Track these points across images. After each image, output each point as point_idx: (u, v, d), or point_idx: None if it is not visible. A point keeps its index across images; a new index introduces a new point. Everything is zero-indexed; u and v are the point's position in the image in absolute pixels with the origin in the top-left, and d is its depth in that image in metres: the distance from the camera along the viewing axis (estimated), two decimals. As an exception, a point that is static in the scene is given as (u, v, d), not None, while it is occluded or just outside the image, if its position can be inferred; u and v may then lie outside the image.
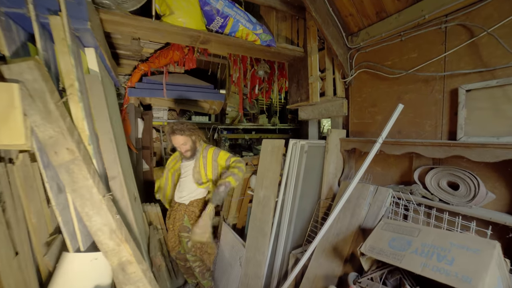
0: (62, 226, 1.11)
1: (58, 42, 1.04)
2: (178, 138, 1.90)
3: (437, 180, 1.43)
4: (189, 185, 2.01)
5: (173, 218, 2.03)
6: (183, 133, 1.89)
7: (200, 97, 3.42)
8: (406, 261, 0.97)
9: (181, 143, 1.91)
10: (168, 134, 1.94)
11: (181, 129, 1.88)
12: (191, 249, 1.96)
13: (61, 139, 0.99)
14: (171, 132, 1.89)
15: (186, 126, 1.91)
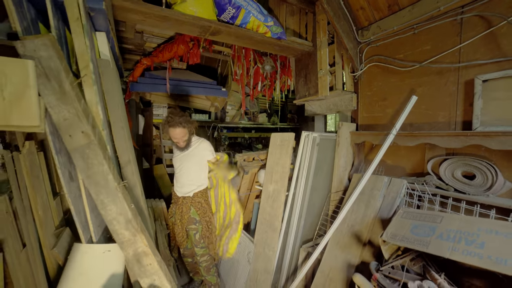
0: (74, 215, 1.06)
1: (72, 21, 0.99)
2: (179, 131, 1.84)
3: (452, 171, 1.43)
4: (190, 177, 1.99)
5: (180, 213, 1.99)
6: (184, 126, 1.84)
7: (203, 93, 3.38)
8: (433, 246, 0.96)
9: (181, 135, 1.86)
10: (165, 126, 1.85)
11: (181, 122, 1.82)
12: (200, 242, 1.94)
13: (76, 121, 0.94)
14: (171, 124, 1.82)
15: (185, 118, 1.86)
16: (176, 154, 2.03)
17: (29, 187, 1.22)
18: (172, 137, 1.88)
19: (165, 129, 1.87)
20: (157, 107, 3.98)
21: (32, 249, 1.19)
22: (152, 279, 1.13)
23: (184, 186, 1.99)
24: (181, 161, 2.01)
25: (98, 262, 1.11)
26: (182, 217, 1.98)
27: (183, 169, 2.01)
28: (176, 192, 2.05)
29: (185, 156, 1.98)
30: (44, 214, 1.24)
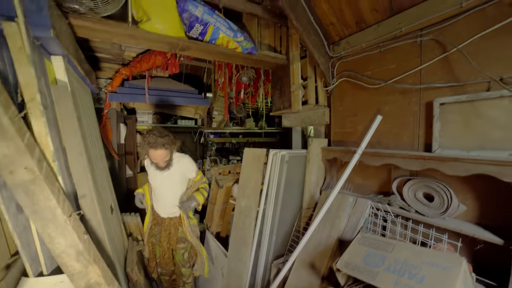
0: (20, 249, 1.04)
1: (15, 51, 0.97)
2: (160, 153, 1.70)
3: (414, 191, 1.45)
4: (173, 197, 1.91)
5: (167, 234, 1.94)
6: (167, 148, 1.70)
7: (184, 102, 3.36)
8: (379, 279, 0.97)
9: (162, 157, 1.73)
10: (145, 146, 1.69)
11: (164, 143, 1.67)
12: (188, 261, 1.94)
13: (17, 157, 0.92)
14: (153, 145, 1.65)
15: (168, 138, 1.71)
16: (154, 173, 1.86)
17: (-19, 216, 1.19)
18: (152, 158, 1.74)
19: (145, 149, 1.72)
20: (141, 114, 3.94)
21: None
22: (106, 309, 1.12)
23: (167, 206, 1.93)
24: (160, 181, 1.88)
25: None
26: (170, 239, 1.93)
27: (163, 189, 1.90)
28: (159, 213, 1.97)
29: (165, 175, 1.84)
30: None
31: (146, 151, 1.73)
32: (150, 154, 1.72)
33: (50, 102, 1.18)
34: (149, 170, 1.91)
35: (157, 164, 1.78)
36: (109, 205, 1.78)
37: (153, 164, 1.80)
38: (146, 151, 1.73)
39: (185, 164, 1.92)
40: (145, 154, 1.80)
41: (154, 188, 1.95)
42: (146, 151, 1.73)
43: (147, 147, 1.69)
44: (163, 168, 1.80)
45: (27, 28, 1.01)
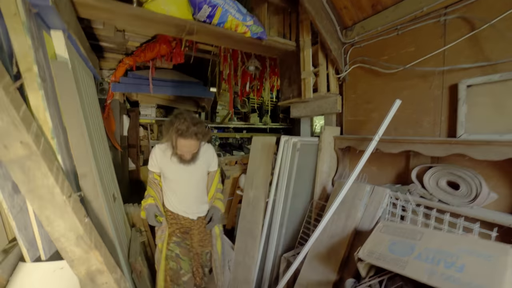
0: (17, 232, 0.96)
1: (8, 18, 0.89)
2: (191, 143, 1.41)
3: (436, 180, 1.36)
4: (196, 193, 1.64)
5: (198, 240, 1.66)
6: (199, 138, 1.42)
7: (188, 93, 3.28)
8: (410, 268, 0.88)
9: (192, 148, 1.45)
10: (175, 134, 1.39)
11: (197, 133, 1.39)
12: (209, 261, 1.75)
13: (12, 130, 0.84)
14: (185, 135, 1.37)
15: (202, 128, 1.43)
16: (174, 167, 1.53)
17: (-24, 199, 1.12)
18: (179, 149, 1.43)
19: (172, 138, 1.42)
20: (144, 107, 3.88)
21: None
22: (108, 300, 1.04)
23: (195, 205, 1.64)
24: (185, 176, 1.56)
25: (47, 282, 1.01)
26: (203, 244, 1.67)
27: (189, 186, 1.60)
28: (185, 215, 1.62)
29: (189, 169, 1.53)
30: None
31: (172, 140, 1.43)
32: (178, 144, 1.41)
33: (49, 77, 1.10)
34: (166, 164, 1.55)
35: (181, 157, 1.47)
36: (112, 193, 1.70)
37: (175, 157, 1.48)
38: (172, 140, 1.42)
39: (211, 156, 1.68)
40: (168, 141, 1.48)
41: (174, 186, 1.60)
42: (172, 140, 1.43)
43: (175, 135, 1.39)
44: (188, 162, 1.49)
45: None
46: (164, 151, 1.55)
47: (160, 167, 1.59)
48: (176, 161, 1.50)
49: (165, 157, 1.54)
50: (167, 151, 1.53)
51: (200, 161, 1.56)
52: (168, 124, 1.44)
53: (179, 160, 1.49)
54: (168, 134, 1.43)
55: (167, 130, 1.44)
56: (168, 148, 1.51)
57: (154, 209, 1.57)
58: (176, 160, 1.50)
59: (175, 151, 1.47)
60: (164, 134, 1.48)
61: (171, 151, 1.49)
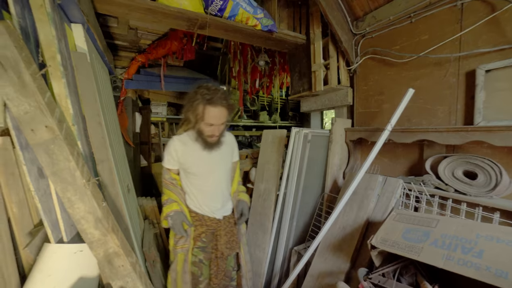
0: (42, 214, 1.01)
1: (36, 9, 0.94)
2: (221, 112, 1.26)
3: (452, 170, 1.32)
4: (224, 186, 1.46)
5: (225, 242, 1.44)
6: (227, 108, 1.28)
7: (199, 90, 3.32)
8: (426, 254, 0.86)
9: (222, 120, 1.29)
10: (203, 103, 1.23)
11: (224, 100, 1.26)
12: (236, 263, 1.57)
13: (38, 115, 0.89)
14: (212, 101, 1.22)
15: (228, 98, 1.31)
16: (198, 157, 1.35)
17: (3, 185, 1.18)
18: (208, 120, 1.25)
19: (198, 109, 1.25)
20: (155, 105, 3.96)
21: (3, 248, 1.15)
22: (125, 281, 1.08)
23: (219, 201, 1.43)
24: (211, 166, 1.38)
25: (69, 263, 1.06)
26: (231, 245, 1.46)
27: (216, 177, 1.41)
28: (211, 215, 1.42)
29: (215, 157, 1.38)
30: (19, 212, 1.20)
31: (198, 113, 1.26)
32: (206, 113, 1.24)
33: (70, 67, 1.15)
34: (189, 155, 1.35)
35: (208, 138, 1.31)
36: (126, 184, 1.75)
37: (200, 142, 1.32)
38: (198, 112, 1.26)
39: (233, 142, 1.53)
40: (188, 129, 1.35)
41: (199, 181, 1.39)
42: (197, 113, 1.26)
43: (202, 104, 1.23)
44: (213, 146, 1.34)
45: (49, -15, 0.98)
46: (185, 142, 1.36)
47: (180, 161, 1.36)
48: (200, 148, 1.33)
49: (187, 148, 1.35)
50: (188, 141, 1.36)
51: (225, 147, 1.41)
52: (191, 97, 1.27)
53: (204, 145, 1.32)
54: (192, 109, 1.26)
55: (190, 104, 1.27)
56: (189, 137, 1.36)
57: (182, 217, 1.33)
58: (200, 147, 1.33)
59: (201, 128, 1.29)
60: (186, 112, 1.31)
61: (193, 139, 1.34)
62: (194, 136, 1.35)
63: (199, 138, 1.33)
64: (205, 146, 1.33)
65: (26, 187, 1.25)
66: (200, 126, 1.30)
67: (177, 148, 1.35)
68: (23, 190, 1.23)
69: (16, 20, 0.91)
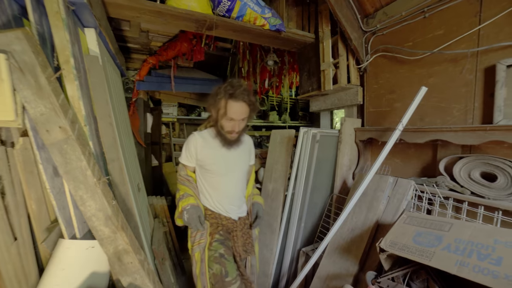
0: (57, 211, 1.06)
1: (51, 15, 0.99)
2: (243, 108, 1.24)
3: (468, 171, 1.26)
4: (241, 187, 1.43)
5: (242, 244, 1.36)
6: (249, 104, 1.27)
7: (208, 91, 3.36)
8: (437, 259, 0.83)
9: (243, 116, 1.26)
10: (225, 98, 1.23)
11: (246, 96, 1.24)
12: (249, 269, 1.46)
13: (53, 116, 0.93)
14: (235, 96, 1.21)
15: (251, 95, 1.28)
16: (218, 154, 1.33)
17: (23, 182, 1.24)
18: (230, 115, 1.23)
19: (220, 103, 1.25)
20: (166, 106, 4.05)
21: (24, 242, 1.21)
22: (133, 277, 1.10)
23: (235, 201, 1.39)
24: (223, 163, 1.33)
25: (81, 258, 1.10)
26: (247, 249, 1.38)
27: (234, 176, 1.37)
28: (227, 215, 1.36)
29: (234, 155, 1.36)
30: (38, 208, 1.26)
31: (220, 108, 1.25)
32: (228, 108, 1.22)
33: (83, 70, 1.19)
34: (208, 152, 1.32)
35: (229, 133, 1.28)
36: (136, 183, 1.80)
37: (219, 138, 1.31)
38: (220, 107, 1.25)
39: (251, 144, 1.52)
40: (215, 113, 1.29)
41: (216, 179, 1.34)
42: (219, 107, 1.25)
43: (224, 99, 1.23)
44: (232, 144, 1.32)
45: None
46: (205, 138, 1.34)
47: (198, 158, 1.32)
48: (219, 145, 1.31)
49: (206, 143, 1.33)
50: (208, 137, 1.35)
51: (243, 147, 1.40)
52: (215, 92, 1.27)
53: (223, 142, 1.30)
54: (215, 104, 1.26)
55: (213, 99, 1.27)
56: (209, 134, 1.36)
57: (199, 211, 1.26)
58: (219, 144, 1.31)
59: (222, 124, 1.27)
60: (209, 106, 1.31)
61: (213, 136, 1.33)
62: (214, 133, 1.34)
63: (219, 134, 1.31)
64: (224, 143, 1.31)
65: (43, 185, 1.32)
66: (221, 122, 1.28)
67: (197, 144, 1.32)
68: (41, 188, 1.30)
69: (34, 27, 0.96)
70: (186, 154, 1.36)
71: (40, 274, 1.27)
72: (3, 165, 1.20)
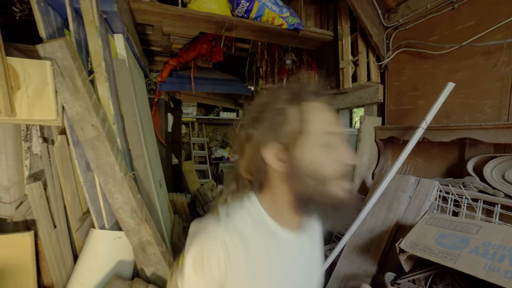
0: (89, 203, 1.15)
1: (87, 24, 1.08)
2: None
3: (502, 172, 1.18)
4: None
5: None
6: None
7: (227, 91, 3.44)
8: (463, 262, 0.79)
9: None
10: (307, 99, 0.49)
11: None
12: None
13: (87, 115, 1.02)
14: (325, 93, 0.51)
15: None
16: (269, 257, 0.51)
17: (61, 176, 1.37)
18: (328, 128, 0.48)
19: (291, 117, 0.48)
20: (186, 106, 4.19)
21: (61, 230, 1.34)
22: (156, 268, 1.17)
23: None
24: (298, 271, 0.56)
25: (109, 247, 1.19)
26: None
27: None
28: None
29: (303, 249, 0.57)
30: (72, 200, 1.39)
31: (293, 126, 0.48)
32: (322, 117, 0.49)
33: (112, 72, 1.29)
34: (255, 271, 0.49)
35: (341, 175, 0.47)
36: (158, 179, 1.89)
37: (285, 219, 0.52)
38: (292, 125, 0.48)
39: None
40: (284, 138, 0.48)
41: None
42: (293, 126, 0.48)
43: (299, 109, 0.48)
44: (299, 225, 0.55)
45: (97, 3, 1.12)
46: (245, 236, 0.49)
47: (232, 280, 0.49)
48: (279, 231, 0.52)
49: (250, 249, 0.49)
50: (249, 230, 0.50)
51: (314, 229, 0.63)
52: (258, 108, 0.53)
53: (293, 223, 0.54)
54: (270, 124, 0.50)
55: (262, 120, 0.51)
56: (250, 218, 0.52)
57: None
58: (282, 232, 0.53)
59: (308, 161, 0.47)
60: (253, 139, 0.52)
61: (259, 218, 0.52)
62: (269, 206, 0.53)
63: (304, 198, 0.49)
64: (293, 224, 0.54)
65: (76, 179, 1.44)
66: (310, 156, 0.47)
67: (228, 258, 0.48)
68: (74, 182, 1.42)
69: (73, 35, 1.06)
70: (197, 279, 0.49)
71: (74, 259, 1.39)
72: (46, 160, 1.33)
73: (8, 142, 1.18)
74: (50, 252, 1.30)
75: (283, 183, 0.50)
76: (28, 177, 1.31)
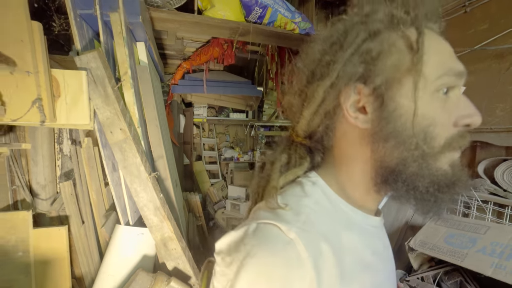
0: (115, 200, 1.25)
1: (116, 35, 1.17)
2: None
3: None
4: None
5: None
6: None
7: (238, 92, 3.51)
8: (471, 260, 0.83)
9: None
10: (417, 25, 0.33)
11: None
12: None
13: (116, 120, 1.11)
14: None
15: None
16: (365, 251, 0.35)
17: (87, 175, 1.48)
18: (454, 67, 0.36)
19: (397, 45, 0.33)
20: (197, 107, 4.29)
21: (88, 226, 1.45)
22: (176, 262, 1.25)
23: None
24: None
25: (133, 242, 1.28)
26: None
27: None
28: None
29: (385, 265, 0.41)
30: (97, 198, 1.49)
31: (401, 58, 0.32)
32: (442, 50, 0.35)
33: (136, 79, 1.38)
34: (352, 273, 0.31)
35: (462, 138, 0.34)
36: (175, 179, 1.98)
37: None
38: (400, 55, 0.32)
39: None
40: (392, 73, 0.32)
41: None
42: (400, 57, 0.32)
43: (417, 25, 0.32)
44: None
45: (125, 16, 1.21)
46: (328, 236, 0.31)
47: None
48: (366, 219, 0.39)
49: (339, 251, 0.31)
50: (331, 224, 0.34)
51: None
52: (343, 29, 0.36)
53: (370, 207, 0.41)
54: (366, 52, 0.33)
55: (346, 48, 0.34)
56: (330, 203, 0.36)
57: None
58: (367, 222, 0.39)
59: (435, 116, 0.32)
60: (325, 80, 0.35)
61: (338, 213, 0.36)
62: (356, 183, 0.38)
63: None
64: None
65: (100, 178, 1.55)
66: (427, 108, 0.32)
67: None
68: (98, 181, 1.52)
69: (103, 46, 1.15)
70: None
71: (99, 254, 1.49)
72: (75, 160, 1.45)
73: (44, 144, 1.30)
74: (79, 246, 1.41)
75: (363, 149, 0.34)
76: (60, 176, 1.42)
